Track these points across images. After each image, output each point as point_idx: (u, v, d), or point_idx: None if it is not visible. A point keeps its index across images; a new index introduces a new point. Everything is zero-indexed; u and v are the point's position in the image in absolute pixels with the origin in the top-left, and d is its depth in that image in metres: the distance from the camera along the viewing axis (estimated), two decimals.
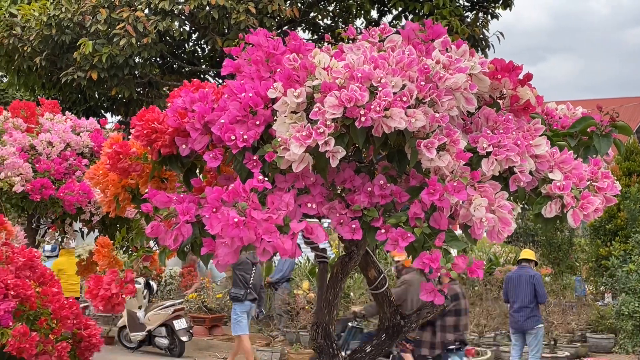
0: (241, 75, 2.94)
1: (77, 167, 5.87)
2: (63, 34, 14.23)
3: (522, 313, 9.93)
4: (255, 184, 2.61)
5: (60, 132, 5.86)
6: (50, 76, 15.56)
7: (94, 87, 14.84)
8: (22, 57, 14.86)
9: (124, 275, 3.03)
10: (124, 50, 13.72)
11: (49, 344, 3.41)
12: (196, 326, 13.99)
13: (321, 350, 3.42)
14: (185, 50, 17.40)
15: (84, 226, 6.20)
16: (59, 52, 14.79)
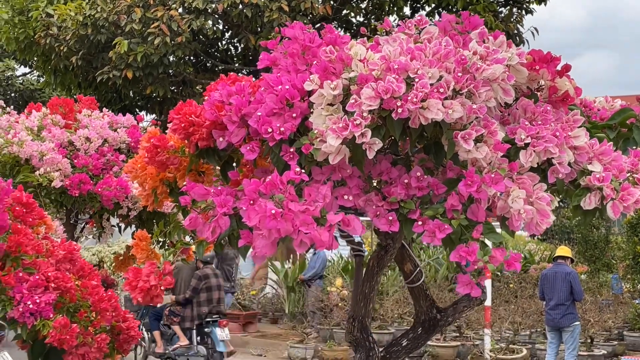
0: (277, 68, 2.95)
1: (114, 162, 5.94)
2: (99, 33, 14.39)
3: (558, 310, 9.83)
4: (292, 176, 2.61)
5: (98, 128, 5.93)
6: (86, 75, 15.76)
7: (129, 85, 14.99)
8: (58, 56, 15.06)
9: (163, 267, 3.06)
10: (159, 49, 13.84)
11: (88, 336, 3.45)
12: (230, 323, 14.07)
13: (357, 344, 3.42)
14: (219, 48, 17.48)
15: (121, 221, 6.27)
16: (94, 51, 14.97)
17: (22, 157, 5.61)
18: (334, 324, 13.10)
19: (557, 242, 19.68)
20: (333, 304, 13.37)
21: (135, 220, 6.12)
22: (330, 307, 13.31)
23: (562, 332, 9.95)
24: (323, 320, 13.40)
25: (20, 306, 3.27)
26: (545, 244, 19.94)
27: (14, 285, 3.28)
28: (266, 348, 13.22)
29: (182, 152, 3.16)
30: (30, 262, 3.42)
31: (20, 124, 5.94)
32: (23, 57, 16.65)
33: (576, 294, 9.87)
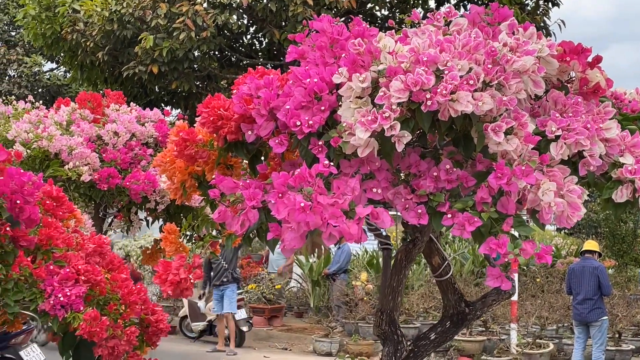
0: (305, 62, 2.95)
1: (142, 156, 5.98)
2: (124, 28, 14.48)
3: (586, 305, 9.76)
4: (321, 169, 2.61)
5: (126, 122, 5.98)
6: (112, 70, 15.87)
7: (155, 80, 15.08)
8: (85, 52, 15.18)
9: (192, 260, 3.07)
10: (184, 44, 13.91)
11: (118, 329, 3.47)
12: (255, 317, 14.13)
13: (386, 337, 3.42)
14: (243, 43, 17.53)
15: (149, 215, 6.31)
16: (120, 46, 15.07)
17: (52, 152, 5.67)
18: (359, 318, 13.09)
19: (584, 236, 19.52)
20: (358, 298, 13.36)
21: (162, 214, 6.16)
22: (355, 301, 13.30)
23: (589, 327, 9.87)
24: (348, 314, 13.40)
25: (51, 299, 3.30)
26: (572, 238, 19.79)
27: (45, 278, 3.31)
28: (291, 342, 13.26)
29: (211, 146, 3.17)
30: (61, 255, 3.45)
31: (50, 119, 6.00)
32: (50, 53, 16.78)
33: (604, 288, 9.78)
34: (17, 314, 3.34)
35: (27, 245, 3.28)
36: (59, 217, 3.72)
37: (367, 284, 13.68)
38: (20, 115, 6.17)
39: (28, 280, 3.29)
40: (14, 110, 6.39)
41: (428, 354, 3.54)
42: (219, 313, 12.34)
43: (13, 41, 24.51)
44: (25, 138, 5.74)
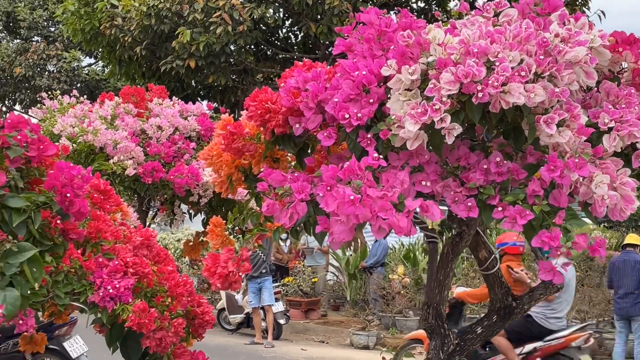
0: (353, 54, 2.94)
1: (185, 150, 6.03)
2: (162, 23, 14.59)
3: (628, 299, 9.64)
4: (370, 162, 2.61)
5: (169, 116, 6.02)
6: (150, 65, 16.01)
7: (192, 75, 15.17)
8: (123, 47, 15.34)
9: (240, 253, 3.09)
10: (221, 39, 13.98)
11: (165, 320, 3.50)
12: (292, 310, 14.18)
13: (432, 330, 3.41)
14: (279, 37, 17.56)
15: (191, 208, 6.36)
16: (158, 41, 15.20)
17: (97, 146, 5.74)
18: (396, 311, 13.09)
19: (624, 229, 19.21)
20: (395, 291, 13.36)
21: (205, 207, 6.21)
22: (392, 295, 13.30)
23: (631, 322, 9.75)
24: (385, 307, 13.40)
25: (100, 291, 3.33)
26: (612, 232, 19.49)
27: (95, 271, 3.35)
28: (328, 335, 13.30)
29: (258, 139, 3.18)
30: (109, 247, 3.48)
31: (94, 113, 6.07)
32: (89, 48, 17.01)
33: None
34: (67, 305, 3.39)
35: (77, 238, 3.31)
36: (107, 210, 3.76)
37: (404, 277, 13.66)
38: (66, 110, 6.26)
39: (78, 272, 3.32)
40: (59, 104, 6.48)
41: (474, 347, 3.52)
42: (256, 306, 12.41)
43: (52, 37, 24.83)
44: (71, 132, 5.82)
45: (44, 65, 23.43)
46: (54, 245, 3.21)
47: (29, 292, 3.00)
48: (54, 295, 3.25)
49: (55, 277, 3.23)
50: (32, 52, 23.18)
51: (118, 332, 3.57)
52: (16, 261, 2.92)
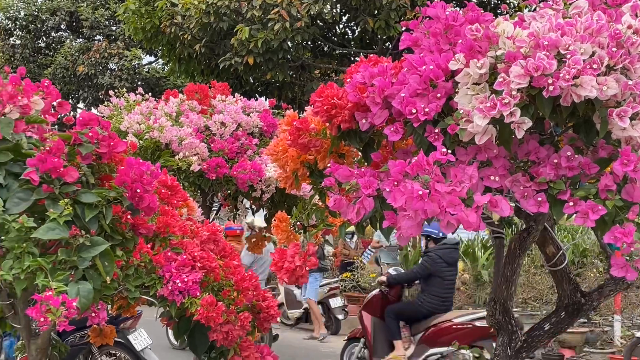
0: (420, 49, 2.93)
1: (248, 146, 6.09)
2: (221, 21, 14.72)
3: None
4: (438, 157, 2.60)
5: (232, 112, 6.10)
6: (209, 62, 16.17)
7: (250, 71, 15.28)
8: (182, 44, 15.52)
9: (307, 248, 3.11)
10: (279, 35, 14.03)
11: (231, 314, 3.55)
12: (351, 305, 14.18)
13: (500, 327, 3.38)
14: (336, 32, 17.55)
15: (253, 204, 6.43)
16: (216, 38, 15.35)
17: (163, 142, 5.85)
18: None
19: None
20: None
21: (267, 203, 6.27)
22: None
23: None
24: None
25: (169, 284, 3.39)
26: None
27: (164, 265, 3.41)
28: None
29: (324, 135, 3.20)
30: (178, 242, 3.55)
31: (160, 110, 6.19)
32: (149, 46, 17.25)
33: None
34: (136, 299, 3.46)
35: (146, 232, 3.38)
36: (174, 205, 3.83)
37: (463, 273, 13.54)
38: (132, 107, 6.39)
39: (147, 266, 3.39)
40: (125, 102, 6.62)
41: (542, 344, 3.48)
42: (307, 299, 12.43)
43: (114, 35, 25.32)
44: (137, 129, 5.94)
45: (106, 64, 23.89)
46: (124, 239, 3.28)
47: (101, 286, 3.07)
48: (124, 288, 3.32)
49: (126, 271, 3.30)
50: (95, 50, 23.67)
51: (186, 325, 3.63)
52: (89, 255, 2.99)
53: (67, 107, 3.56)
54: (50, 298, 2.72)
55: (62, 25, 26.84)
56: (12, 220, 2.87)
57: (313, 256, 3.13)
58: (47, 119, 3.37)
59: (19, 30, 26.94)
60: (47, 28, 26.62)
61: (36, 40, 26.98)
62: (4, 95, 3.14)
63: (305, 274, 3.11)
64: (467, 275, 13.45)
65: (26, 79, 3.28)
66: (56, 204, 2.97)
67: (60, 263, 2.95)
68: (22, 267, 2.85)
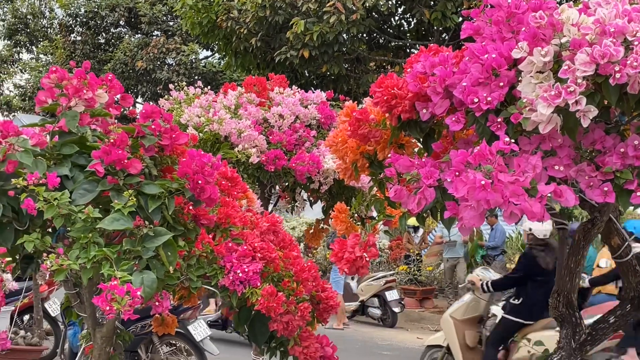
0: (481, 37, 2.90)
1: (306, 138, 6.11)
2: (276, 14, 14.80)
3: None
4: (501, 146, 2.56)
5: (290, 105, 6.13)
6: (265, 56, 16.27)
7: (305, 65, 15.33)
8: (238, 39, 15.66)
9: (367, 238, 3.11)
10: (334, 28, 14.04)
11: (291, 305, 3.57)
12: (407, 298, 14.15)
13: (563, 319, 3.32)
14: (392, 24, 17.46)
15: (311, 196, 6.45)
16: (272, 32, 15.43)
17: (222, 135, 5.92)
18: None
19: None
20: None
21: (325, 195, 6.28)
22: None
23: None
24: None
25: (230, 275, 3.43)
26: None
27: (225, 255, 3.45)
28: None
29: (384, 125, 3.18)
30: (238, 233, 3.59)
31: (219, 103, 6.25)
32: (206, 41, 17.43)
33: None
34: (198, 288, 3.51)
35: (208, 223, 3.42)
36: (234, 197, 3.87)
37: None
38: (191, 101, 6.47)
39: (209, 257, 3.44)
40: (185, 95, 6.71)
41: (607, 337, 3.42)
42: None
43: (171, 30, 25.69)
44: (197, 122, 6.02)
45: (164, 59, 24.25)
46: (186, 230, 3.32)
47: (164, 275, 3.12)
48: (186, 278, 3.37)
49: (188, 261, 3.34)
50: (153, 46, 24.05)
51: (246, 315, 3.67)
52: (152, 245, 3.04)
53: (130, 101, 3.63)
54: (115, 287, 2.77)
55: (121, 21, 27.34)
56: (78, 211, 2.92)
57: (373, 247, 3.12)
58: (111, 112, 3.43)
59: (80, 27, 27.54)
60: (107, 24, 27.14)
61: (96, 37, 27.54)
62: (69, 89, 3.21)
63: (366, 265, 3.11)
64: None
65: (90, 73, 3.35)
66: (120, 195, 3.02)
67: (124, 253, 3.00)
68: (89, 257, 2.91)
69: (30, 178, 2.87)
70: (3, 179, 2.97)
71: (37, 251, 3.02)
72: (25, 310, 9.53)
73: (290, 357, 3.74)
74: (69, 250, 2.97)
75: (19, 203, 2.90)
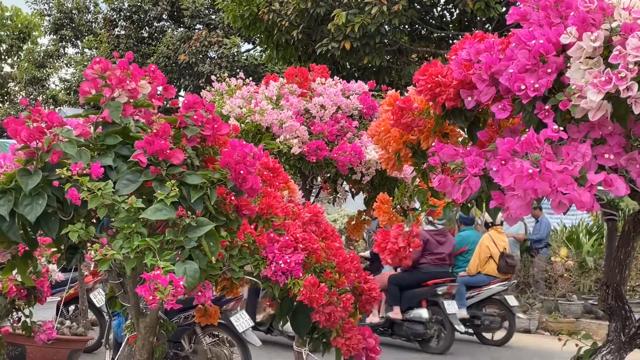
0: (528, 23, 2.83)
1: (347, 129, 6.08)
2: (318, 6, 14.77)
3: None
4: (549, 134, 2.50)
5: (332, 95, 6.10)
6: (306, 49, 16.27)
7: (347, 57, 15.28)
8: (280, 31, 15.68)
9: (410, 229, 3.07)
10: (376, 19, 13.97)
11: (334, 296, 3.55)
12: None
13: (612, 312, 3.24)
14: (434, 15, 17.32)
15: (353, 187, 6.42)
16: (314, 24, 15.42)
17: (264, 125, 5.92)
18: (559, 295, 12.65)
19: None
20: (558, 274, 12.90)
21: (367, 186, 6.24)
22: (554, 278, 12.86)
23: None
24: (547, 290, 12.98)
25: (272, 265, 3.42)
26: None
27: (267, 246, 3.44)
28: None
29: (427, 114, 3.14)
30: (280, 223, 3.57)
31: (261, 94, 6.25)
32: (247, 34, 17.49)
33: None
34: (240, 279, 3.50)
35: (250, 214, 3.41)
36: (276, 187, 3.85)
37: (567, 260, 13.17)
38: (233, 92, 6.48)
39: (251, 247, 3.43)
40: (227, 87, 6.72)
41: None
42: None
43: (213, 24, 25.83)
44: (239, 113, 6.02)
45: (206, 52, 24.40)
46: (228, 220, 3.31)
47: (207, 266, 3.12)
48: (228, 269, 3.37)
49: (230, 251, 3.34)
50: (195, 39, 24.21)
51: (288, 306, 3.65)
52: (195, 235, 3.03)
53: (172, 92, 3.63)
54: (158, 277, 2.77)
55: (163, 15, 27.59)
56: (121, 201, 2.93)
57: (417, 237, 3.08)
58: (154, 103, 3.43)
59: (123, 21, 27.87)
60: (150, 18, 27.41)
61: (139, 31, 27.84)
62: (113, 79, 3.22)
63: (409, 255, 3.07)
64: (572, 262, 13.07)
65: (133, 64, 3.35)
66: (163, 185, 3.02)
67: (167, 243, 3.00)
68: (132, 247, 2.91)
69: (74, 168, 2.88)
70: (48, 170, 2.99)
71: (82, 241, 3.04)
72: (70, 300, 9.68)
73: (333, 349, 3.72)
74: (113, 241, 2.98)
75: (64, 193, 2.91)
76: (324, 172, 6.22)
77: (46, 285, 5.56)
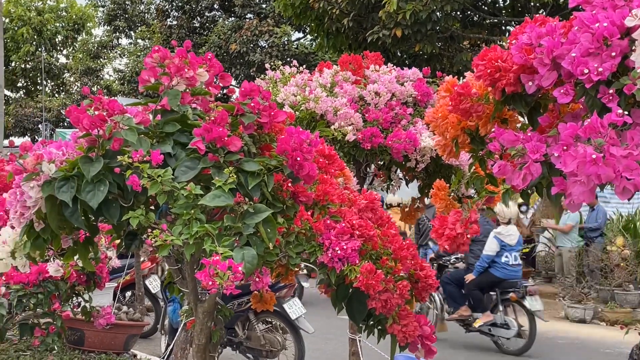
0: (591, 6, 2.77)
1: (402, 116, 6.04)
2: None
3: None
4: (614, 119, 2.45)
5: (386, 82, 6.06)
6: (356, 37, 16.22)
7: (398, 44, 15.18)
8: (330, 19, 15.66)
9: (468, 215, 3.04)
10: (427, 6, 13.85)
11: (390, 282, 3.54)
12: None
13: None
14: (486, 1, 17.09)
15: (407, 174, 6.38)
16: (364, 12, 15.36)
17: (318, 113, 5.92)
18: (615, 284, 12.43)
19: None
20: (614, 264, 12.68)
21: (421, 173, 6.20)
22: (610, 267, 12.64)
23: None
24: (603, 280, 12.77)
25: (329, 252, 3.42)
26: None
27: (323, 232, 3.44)
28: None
29: (486, 99, 3.10)
30: (336, 210, 3.57)
31: (314, 82, 6.25)
32: (298, 22, 17.51)
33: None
34: (297, 265, 3.51)
35: (306, 200, 3.42)
36: (331, 174, 3.85)
37: (623, 249, 12.91)
38: (287, 80, 6.49)
39: (307, 234, 3.43)
40: (281, 75, 6.74)
41: None
42: None
43: (264, 13, 25.92)
44: (293, 101, 6.04)
45: (257, 41, 24.52)
46: (285, 207, 3.33)
47: (264, 252, 3.14)
48: (285, 255, 3.38)
49: (287, 237, 3.35)
50: (246, 29, 24.35)
51: (344, 292, 3.65)
52: (252, 222, 3.06)
53: (229, 80, 3.65)
54: (217, 262, 2.80)
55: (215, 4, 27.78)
56: (180, 188, 2.97)
57: (475, 224, 3.05)
58: (211, 91, 3.46)
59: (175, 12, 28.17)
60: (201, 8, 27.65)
61: (191, 21, 28.10)
62: (171, 67, 3.25)
63: (466, 242, 3.05)
64: (628, 251, 12.81)
65: (191, 52, 3.39)
66: (221, 172, 3.05)
67: (225, 229, 3.03)
68: (191, 233, 2.95)
69: (134, 155, 2.93)
70: (109, 157, 3.04)
71: (141, 227, 3.09)
72: (127, 287, 9.89)
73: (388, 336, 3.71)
74: (172, 227, 3.02)
75: (124, 180, 2.96)
76: (378, 160, 6.20)
77: (105, 271, 5.68)
